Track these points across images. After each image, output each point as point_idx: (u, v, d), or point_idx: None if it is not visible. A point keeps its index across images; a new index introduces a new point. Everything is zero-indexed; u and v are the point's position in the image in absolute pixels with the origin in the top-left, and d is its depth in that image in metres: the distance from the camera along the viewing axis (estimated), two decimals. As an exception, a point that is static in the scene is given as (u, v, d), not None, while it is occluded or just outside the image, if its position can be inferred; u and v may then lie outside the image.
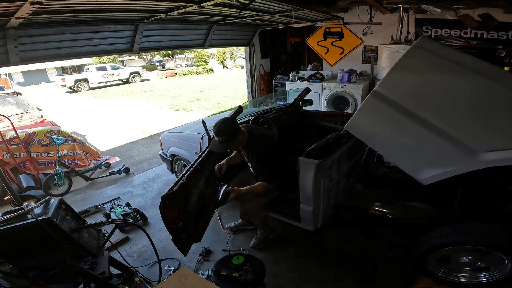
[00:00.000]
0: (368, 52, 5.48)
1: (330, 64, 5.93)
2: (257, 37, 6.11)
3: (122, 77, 18.84)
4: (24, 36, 2.97)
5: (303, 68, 6.31)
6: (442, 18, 4.22)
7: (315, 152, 2.33)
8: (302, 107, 3.93)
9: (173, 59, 31.23)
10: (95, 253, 1.72)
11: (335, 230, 2.79)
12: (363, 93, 5.07)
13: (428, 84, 1.81)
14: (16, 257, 1.53)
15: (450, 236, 1.82)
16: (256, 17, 4.39)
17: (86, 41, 3.51)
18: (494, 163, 1.60)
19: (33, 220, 1.46)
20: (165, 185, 4.03)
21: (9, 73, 18.54)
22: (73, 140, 4.42)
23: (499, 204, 2.01)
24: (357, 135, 2.05)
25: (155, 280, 2.21)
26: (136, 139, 6.48)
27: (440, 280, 1.98)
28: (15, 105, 5.66)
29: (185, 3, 3.01)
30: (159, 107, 10.55)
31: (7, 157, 3.85)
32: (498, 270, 1.84)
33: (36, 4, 2.17)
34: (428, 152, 1.78)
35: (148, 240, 1.97)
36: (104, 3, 2.71)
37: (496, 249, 1.72)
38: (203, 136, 3.07)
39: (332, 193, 2.54)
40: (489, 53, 4.38)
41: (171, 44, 4.71)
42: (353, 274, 2.32)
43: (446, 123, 1.69)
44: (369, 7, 4.77)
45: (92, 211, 3.41)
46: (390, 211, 2.43)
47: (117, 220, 2.95)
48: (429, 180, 1.80)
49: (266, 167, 2.28)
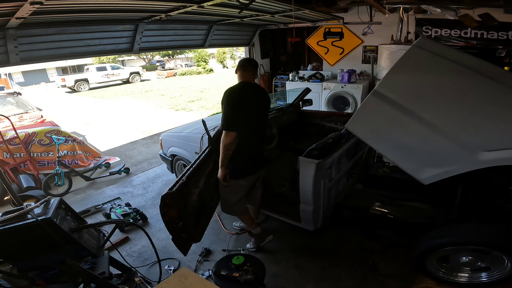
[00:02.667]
0: (368, 52, 5.48)
1: (330, 64, 5.93)
2: (257, 37, 6.11)
3: (122, 77, 18.85)
4: (24, 36, 2.97)
5: (303, 68, 6.31)
6: (442, 18, 4.22)
7: (315, 152, 2.34)
8: (302, 107, 3.93)
9: (173, 59, 31.24)
10: (95, 253, 1.72)
11: (335, 230, 2.79)
12: (363, 93, 5.07)
13: (428, 84, 1.81)
14: (16, 257, 1.53)
15: (450, 236, 1.82)
16: (256, 17, 4.39)
17: (86, 41, 3.51)
18: (494, 162, 1.60)
19: (33, 220, 1.46)
20: (165, 185, 4.03)
21: (9, 73, 18.54)
22: (73, 140, 4.42)
23: (499, 204, 2.01)
24: (357, 135, 2.06)
25: (155, 280, 2.21)
26: (136, 139, 6.48)
27: (440, 280, 1.98)
28: (15, 105, 5.66)
29: (185, 3, 3.01)
30: (159, 107, 10.55)
31: (7, 157, 3.85)
32: (498, 270, 1.84)
33: (36, 4, 2.16)
34: (428, 151, 1.79)
35: (148, 240, 1.97)
36: (104, 3, 2.70)
37: (496, 249, 1.72)
38: (203, 136, 3.07)
39: (332, 193, 2.54)
40: (489, 53, 4.38)
41: (171, 44, 4.70)
42: (353, 274, 2.32)
43: (446, 123, 1.69)
44: (369, 7, 4.77)
45: (92, 211, 3.41)
46: (390, 211, 2.43)
47: (117, 220, 2.95)
48: (429, 180, 1.80)
49: (224, 114, 2.14)
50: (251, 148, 2.34)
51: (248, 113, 2.22)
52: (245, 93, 2.24)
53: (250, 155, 2.35)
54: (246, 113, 2.20)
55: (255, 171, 2.43)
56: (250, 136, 2.30)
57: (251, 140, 2.32)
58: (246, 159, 2.33)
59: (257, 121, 2.36)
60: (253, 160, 2.41)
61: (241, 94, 2.22)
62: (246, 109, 2.20)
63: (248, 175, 2.39)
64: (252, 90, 2.34)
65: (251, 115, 2.26)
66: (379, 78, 4.95)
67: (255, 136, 2.37)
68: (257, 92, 2.39)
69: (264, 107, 2.45)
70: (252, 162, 2.40)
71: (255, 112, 2.30)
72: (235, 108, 2.15)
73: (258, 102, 2.36)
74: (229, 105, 2.15)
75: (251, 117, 2.26)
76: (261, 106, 2.39)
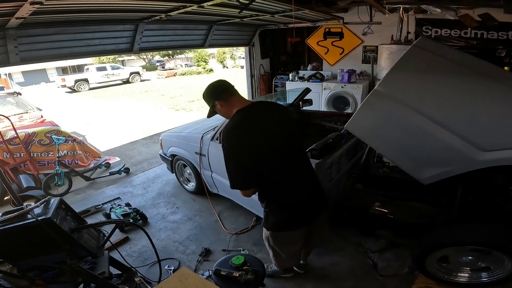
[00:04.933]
0: (368, 52, 5.49)
1: (330, 64, 5.93)
2: (257, 37, 6.11)
3: (122, 77, 18.84)
4: (24, 36, 2.97)
5: (303, 68, 6.31)
6: (442, 18, 4.22)
7: (315, 152, 2.34)
8: (302, 107, 3.93)
9: (173, 59, 31.24)
10: (95, 253, 1.71)
11: (335, 230, 2.79)
12: (363, 93, 5.07)
13: (428, 84, 1.81)
14: (16, 257, 1.52)
15: (450, 236, 1.82)
16: (256, 17, 4.39)
17: (86, 41, 3.51)
18: (493, 162, 1.60)
19: (33, 220, 1.46)
20: (165, 185, 4.03)
21: (9, 73, 18.56)
22: (73, 140, 4.42)
23: (499, 204, 2.01)
24: (357, 135, 2.06)
25: (155, 280, 2.21)
26: (136, 139, 6.48)
27: (440, 280, 1.98)
28: (15, 105, 5.66)
29: (185, 3, 3.01)
30: (159, 107, 10.55)
31: (7, 157, 3.85)
32: (498, 270, 1.84)
33: (36, 4, 2.16)
34: (428, 151, 1.79)
35: (148, 240, 1.97)
36: (104, 3, 2.70)
37: (496, 249, 1.72)
38: (203, 136, 3.07)
39: (332, 193, 2.54)
40: (489, 53, 4.38)
41: (171, 44, 4.71)
42: (353, 274, 2.32)
43: (446, 123, 1.69)
44: (369, 7, 4.76)
45: (92, 211, 3.41)
46: (390, 211, 2.43)
47: (117, 220, 2.95)
48: (429, 180, 1.80)
49: (228, 170, 1.58)
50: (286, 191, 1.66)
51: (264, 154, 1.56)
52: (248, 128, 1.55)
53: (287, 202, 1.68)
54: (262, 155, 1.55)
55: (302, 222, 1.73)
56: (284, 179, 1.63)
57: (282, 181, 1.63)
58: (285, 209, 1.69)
59: (286, 152, 1.64)
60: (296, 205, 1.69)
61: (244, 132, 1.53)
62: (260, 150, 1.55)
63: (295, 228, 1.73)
64: (256, 116, 1.61)
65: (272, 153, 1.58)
66: (379, 78, 4.95)
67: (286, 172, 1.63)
68: (265, 114, 1.65)
69: (287, 125, 1.71)
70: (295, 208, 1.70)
71: (277, 143, 1.60)
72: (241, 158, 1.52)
73: (276, 126, 1.63)
74: (231, 155, 1.53)
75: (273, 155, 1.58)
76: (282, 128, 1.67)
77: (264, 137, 1.57)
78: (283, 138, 1.65)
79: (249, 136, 1.53)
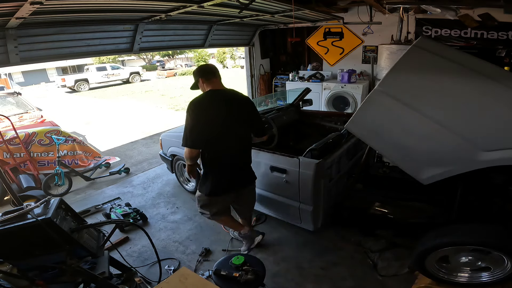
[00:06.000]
0: (368, 52, 5.48)
1: (330, 64, 5.93)
2: (257, 37, 6.11)
3: (122, 77, 18.85)
4: (24, 36, 2.97)
5: (303, 68, 6.31)
6: (442, 18, 4.22)
7: (315, 152, 2.34)
8: (302, 107, 3.93)
9: (173, 59, 31.23)
10: (95, 253, 1.72)
11: (335, 230, 2.79)
12: (363, 93, 5.07)
13: (428, 84, 1.81)
14: (16, 257, 1.52)
15: (450, 236, 1.82)
16: (256, 17, 4.39)
17: (86, 41, 3.51)
18: (493, 162, 1.60)
19: (33, 220, 1.46)
20: (165, 185, 4.03)
21: (9, 73, 18.55)
22: (73, 140, 4.42)
23: (499, 204, 2.01)
24: (357, 135, 2.06)
25: (155, 280, 2.21)
26: (136, 139, 6.48)
27: (440, 280, 1.98)
28: (15, 105, 5.66)
29: (185, 3, 3.01)
30: (159, 107, 10.55)
31: (7, 157, 3.85)
32: (498, 270, 1.84)
33: (36, 4, 2.16)
34: (428, 151, 1.79)
35: (148, 240, 1.97)
36: (104, 3, 2.70)
37: (496, 249, 1.72)
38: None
39: (332, 193, 2.54)
40: (489, 53, 4.38)
41: (171, 44, 4.70)
42: (353, 274, 2.32)
43: (446, 123, 1.69)
44: (369, 7, 4.76)
45: (92, 211, 3.41)
46: (390, 211, 2.43)
47: (117, 220, 2.95)
48: (429, 180, 1.80)
49: (184, 129, 1.98)
50: (225, 164, 2.11)
51: (216, 127, 1.97)
52: (212, 103, 1.98)
53: (224, 172, 2.13)
54: (214, 127, 1.96)
55: (230, 190, 2.22)
56: (225, 150, 2.07)
57: (225, 156, 2.09)
58: (219, 176, 2.12)
59: (233, 133, 2.07)
60: (229, 177, 2.16)
61: (208, 105, 1.96)
62: (214, 122, 1.96)
63: (221, 194, 2.20)
64: (222, 98, 2.04)
65: (223, 128, 2.00)
66: (379, 78, 4.95)
67: (231, 151, 2.10)
68: (230, 99, 2.08)
69: (243, 114, 2.12)
70: (227, 179, 2.15)
71: (229, 123, 2.02)
72: (198, 122, 1.93)
73: (233, 110, 2.05)
74: (190, 118, 1.93)
75: (223, 130, 2.00)
76: (237, 114, 2.07)
77: (220, 114, 1.98)
78: (235, 121, 2.05)
79: (208, 109, 1.95)
